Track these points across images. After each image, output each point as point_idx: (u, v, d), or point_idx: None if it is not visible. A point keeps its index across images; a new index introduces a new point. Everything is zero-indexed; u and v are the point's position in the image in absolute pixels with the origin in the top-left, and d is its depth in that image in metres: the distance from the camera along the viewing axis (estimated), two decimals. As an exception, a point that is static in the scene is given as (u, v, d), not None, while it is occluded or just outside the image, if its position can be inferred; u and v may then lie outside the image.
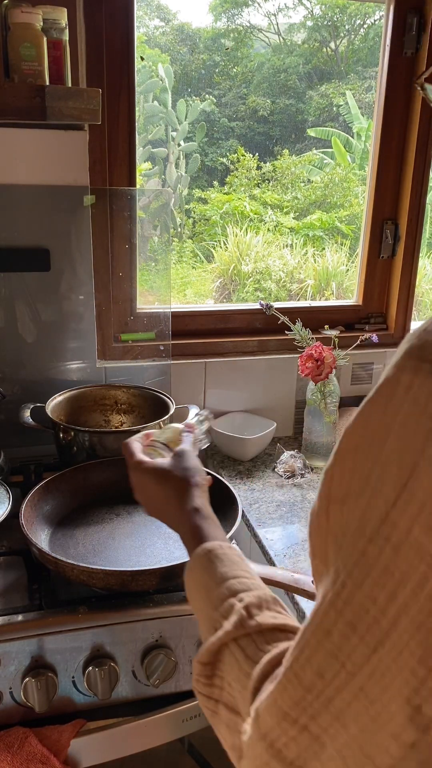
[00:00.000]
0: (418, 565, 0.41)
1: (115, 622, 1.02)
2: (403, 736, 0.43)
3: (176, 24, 11.36)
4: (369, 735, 0.43)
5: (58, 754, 0.97)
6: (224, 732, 0.56)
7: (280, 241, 7.90)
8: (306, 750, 0.46)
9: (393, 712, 0.43)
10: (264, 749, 0.48)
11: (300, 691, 0.46)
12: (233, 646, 0.57)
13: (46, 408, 1.40)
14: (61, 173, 1.42)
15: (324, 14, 11.56)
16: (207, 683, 0.58)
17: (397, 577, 0.42)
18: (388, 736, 0.43)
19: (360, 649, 0.43)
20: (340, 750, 0.45)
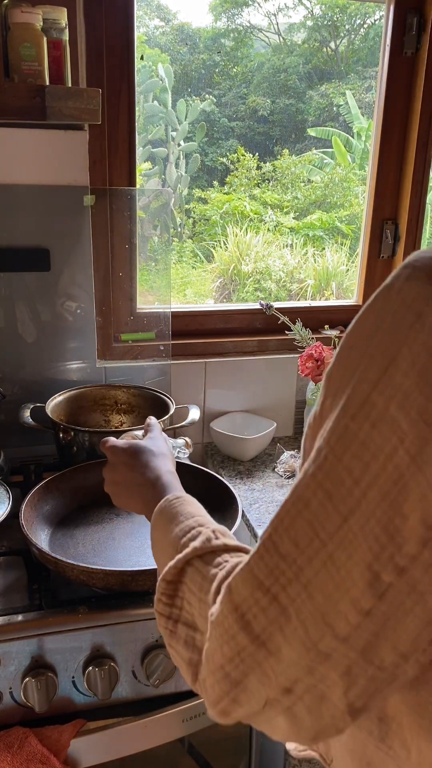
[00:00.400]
0: (391, 438, 0.45)
1: (115, 622, 1.02)
2: (362, 602, 0.46)
3: (176, 24, 11.36)
4: (332, 603, 0.47)
5: (58, 754, 0.97)
6: (181, 649, 0.58)
7: (280, 241, 7.90)
8: (272, 623, 0.49)
9: (355, 579, 0.46)
10: (234, 621, 0.51)
11: (276, 558, 0.49)
12: (198, 562, 0.60)
13: (46, 408, 1.40)
14: (61, 173, 1.42)
15: (324, 14, 11.55)
16: (168, 603, 0.61)
17: (372, 449, 0.46)
18: (348, 603, 0.46)
19: (333, 518, 0.47)
20: (304, 621, 0.48)
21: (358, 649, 0.47)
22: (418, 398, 0.44)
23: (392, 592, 0.46)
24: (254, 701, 0.51)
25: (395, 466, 0.45)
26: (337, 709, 0.49)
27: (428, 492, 0.44)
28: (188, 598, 0.59)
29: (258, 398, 1.74)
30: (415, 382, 0.45)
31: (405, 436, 0.45)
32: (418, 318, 0.45)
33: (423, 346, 0.45)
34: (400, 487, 0.45)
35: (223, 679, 0.52)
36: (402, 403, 0.45)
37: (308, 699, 0.49)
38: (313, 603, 0.48)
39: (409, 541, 0.45)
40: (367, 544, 0.46)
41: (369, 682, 0.48)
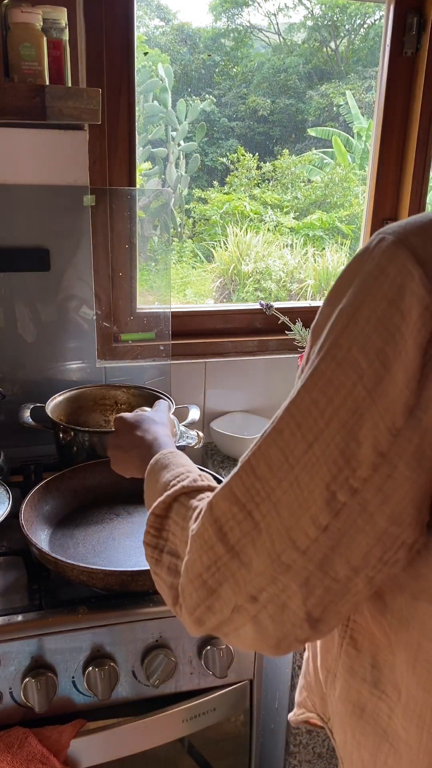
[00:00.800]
0: (351, 375, 0.51)
1: (115, 622, 1.02)
2: (320, 518, 0.52)
3: (176, 24, 11.36)
4: (295, 519, 0.53)
5: (58, 755, 0.97)
6: (164, 575, 0.64)
7: (280, 241, 7.90)
8: (246, 536, 0.55)
9: (315, 498, 0.52)
10: (213, 532, 0.57)
11: (252, 479, 0.56)
12: (183, 498, 0.67)
13: (46, 408, 1.40)
14: (61, 173, 1.42)
15: (324, 14, 11.55)
16: (155, 534, 0.67)
17: (335, 385, 0.52)
18: (308, 519, 0.53)
19: (301, 444, 0.53)
20: (271, 534, 0.54)
21: (316, 562, 0.53)
22: (377, 341, 0.50)
23: (346, 510, 0.52)
24: (225, 609, 0.57)
25: (354, 399, 0.51)
26: (297, 617, 0.55)
27: (380, 422, 0.50)
28: (173, 529, 0.65)
29: (258, 398, 1.74)
30: (374, 327, 0.51)
31: (363, 374, 0.51)
32: (381, 272, 0.51)
33: (384, 297, 0.51)
34: (357, 417, 0.51)
35: (201, 587, 0.58)
36: (363, 345, 0.51)
37: (271, 607, 0.55)
38: (280, 519, 0.54)
39: (362, 465, 0.51)
40: (327, 466, 0.52)
41: (325, 593, 0.54)
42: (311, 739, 1.26)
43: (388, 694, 0.60)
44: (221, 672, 1.06)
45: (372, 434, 0.50)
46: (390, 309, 0.50)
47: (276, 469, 0.54)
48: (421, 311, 0.49)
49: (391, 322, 0.50)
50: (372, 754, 0.63)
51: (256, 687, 1.14)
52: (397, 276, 0.50)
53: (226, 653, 1.06)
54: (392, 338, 0.50)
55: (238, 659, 1.09)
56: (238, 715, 1.17)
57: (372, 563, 0.53)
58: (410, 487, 0.51)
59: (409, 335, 0.49)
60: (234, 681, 1.11)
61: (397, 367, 0.50)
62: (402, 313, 0.50)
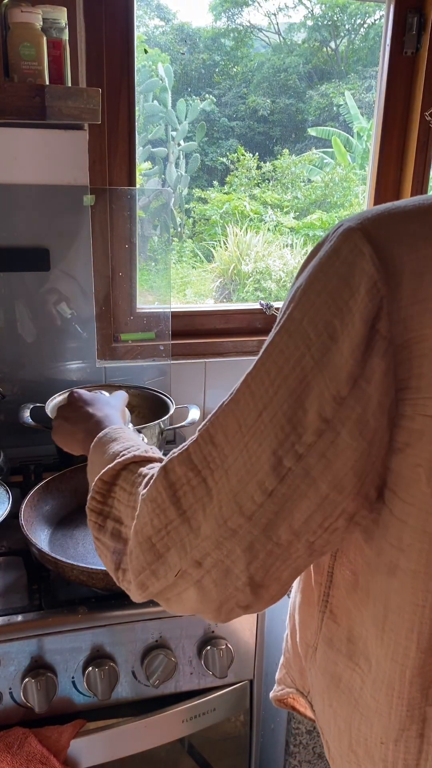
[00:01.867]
0: (300, 345, 0.54)
1: (115, 622, 1.02)
2: (266, 483, 0.54)
3: (176, 23, 11.35)
4: (242, 485, 0.55)
5: (58, 755, 0.97)
6: (107, 540, 0.66)
7: (280, 241, 7.89)
8: (198, 501, 0.57)
9: (262, 463, 0.54)
10: (167, 496, 0.59)
11: (209, 447, 0.58)
12: (133, 466, 0.68)
13: (46, 408, 1.40)
14: (61, 173, 1.42)
15: (324, 14, 11.55)
16: (101, 501, 0.68)
17: (286, 354, 0.54)
18: (255, 484, 0.55)
19: (252, 412, 0.55)
20: (221, 500, 0.56)
21: (261, 527, 0.55)
22: (326, 314, 0.53)
23: (291, 476, 0.54)
24: (170, 574, 0.59)
25: (302, 368, 0.53)
26: (239, 580, 0.57)
27: (325, 390, 0.52)
28: (119, 496, 0.67)
29: (258, 398, 1.74)
30: (324, 301, 0.53)
31: (312, 344, 0.53)
32: (335, 252, 0.54)
33: (335, 274, 0.53)
34: (304, 385, 0.53)
35: (149, 550, 0.60)
36: (313, 317, 0.54)
37: (215, 572, 0.57)
38: (229, 484, 0.56)
39: (308, 431, 0.53)
40: (275, 432, 0.54)
41: (267, 557, 0.56)
42: (311, 739, 1.26)
43: (361, 666, 0.63)
44: (221, 672, 1.06)
45: (318, 401, 0.53)
46: (340, 284, 0.53)
47: (230, 437, 0.56)
48: (369, 287, 0.51)
49: (340, 296, 0.52)
50: (347, 722, 0.66)
51: (256, 687, 1.14)
52: (349, 254, 0.53)
53: (226, 653, 1.06)
54: (340, 311, 0.52)
55: (238, 659, 1.09)
56: (238, 715, 1.17)
57: (313, 528, 0.55)
58: (351, 454, 0.53)
59: (356, 309, 0.52)
60: (234, 681, 1.11)
61: (343, 338, 0.52)
62: (351, 288, 0.52)
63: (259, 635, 1.11)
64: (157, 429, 1.37)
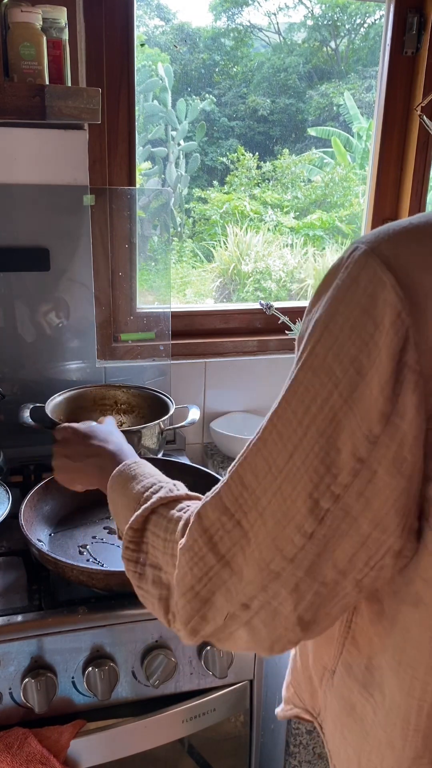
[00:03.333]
0: (327, 383, 0.52)
1: (115, 622, 1.02)
2: (305, 526, 0.53)
3: (176, 23, 11.35)
4: (280, 528, 0.54)
5: (58, 755, 0.97)
6: (150, 587, 0.65)
7: (280, 241, 7.89)
8: (235, 544, 0.56)
9: (299, 506, 0.53)
10: (204, 543, 0.58)
11: (240, 488, 0.57)
12: (162, 509, 0.67)
13: (46, 408, 1.39)
14: (61, 173, 1.42)
15: (324, 14, 11.54)
16: (135, 549, 0.67)
17: (312, 393, 0.53)
18: (294, 528, 0.54)
19: (282, 454, 0.54)
20: (259, 544, 0.55)
21: (304, 568, 0.54)
22: (351, 349, 0.51)
23: (330, 516, 0.53)
24: (219, 617, 0.58)
25: (330, 407, 0.52)
26: (289, 621, 0.56)
27: (357, 429, 0.51)
28: (153, 542, 0.66)
29: (258, 398, 1.74)
30: (348, 336, 0.52)
31: (339, 382, 0.52)
32: (354, 281, 0.52)
33: (357, 306, 0.52)
34: (335, 424, 0.52)
35: (194, 599, 0.59)
36: (337, 353, 0.52)
37: (263, 614, 0.56)
38: (266, 528, 0.55)
39: (342, 472, 0.52)
40: (308, 475, 0.53)
41: (315, 597, 0.55)
42: (311, 739, 1.25)
43: (375, 697, 0.62)
44: (221, 672, 1.06)
45: (350, 441, 0.51)
46: (363, 317, 0.51)
47: (261, 479, 0.55)
48: (393, 318, 0.50)
49: (365, 330, 0.51)
50: (356, 752, 0.65)
51: (256, 687, 1.14)
52: (369, 285, 0.51)
53: (226, 653, 1.06)
54: (365, 346, 0.51)
55: (238, 659, 1.09)
56: (238, 716, 1.17)
57: (358, 567, 0.54)
58: (391, 492, 0.52)
59: (383, 343, 0.50)
60: (234, 681, 1.11)
61: (371, 374, 0.50)
62: (375, 321, 0.50)
63: (259, 635, 1.11)
64: (157, 429, 1.37)
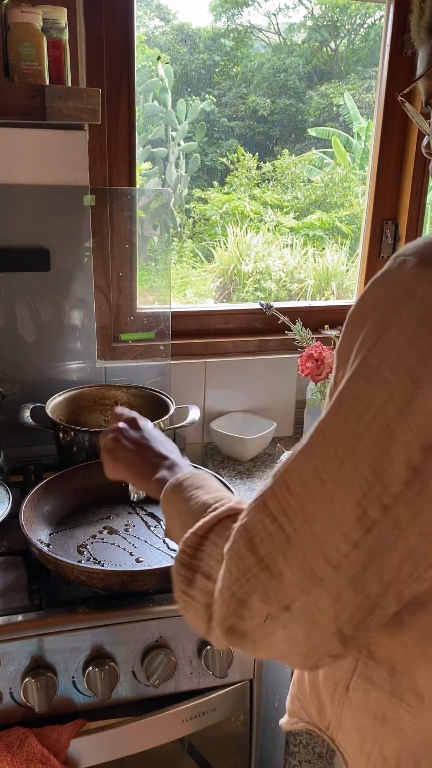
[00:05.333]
0: (382, 393, 0.52)
1: (115, 622, 1.02)
2: (352, 534, 0.53)
3: (176, 24, 11.35)
4: (327, 534, 0.54)
5: (58, 755, 0.97)
6: (198, 595, 0.64)
7: (280, 241, 7.89)
8: (276, 548, 0.56)
9: (347, 514, 0.53)
10: (243, 543, 0.58)
11: (285, 493, 0.56)
12: (227, 521, 0.66)
13: (46, 408, 1.40)
14: (61, 173, 1.42)
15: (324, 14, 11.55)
16: (191, 554, 0.66)
17: (365, 402, 0.53)
18: (340, 535, 0.53)
19: (333, 461, 0.54)
20: (304, 548, 0.55)
21: (348, 578, 0.53)
22: (407, 359, 0.51)
23: (378, 527, 0.52)
24: (256, 617, 0.57)
25: (385, 416, 0.52)
26: (328, 630, 0.55)
27: (413, 439, 0.51)
28: (209, 550, 0.65)
29: (258, 398, 1.74)
30: (404, 346, 0.52)
31: (394, 392, 0.51)
32: (407, 293, 0.52)
33: (412, 316, 0.52)
34: (388, 434, 0.51)
35: (230, 598, 0.58)
36: (393, 363, 0.52)
37: (302, 619, 0.55)
38: (312, 533, 0.54)
39: (395, 482, 0.51)
40: (358, 483, 0.52)
41: (357, 610, 0.55)
42: (311, 739, 1.25)
43: (409, 702, 0.62)
44: (221, 672, 1.06)
45: (405, 451, 0.51)
46: (420, 328, 0.51)
47: (309, 485, 0.55)
48: None
49: (422, 340, 0.51)
50: (396, 756, 0.65)
51: (256, 687, 1.14)
52: (426, 296, 0.51)
53: (226, 653, 1.06)
54: (423, 356, 0.51)
55: (238, 659, 1.09)
56: (238, 715, 1.17)
57: (402, 578, 0.54)
58: None
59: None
60: (234, 681, 1.11)
61: (429, 384, 0.50)
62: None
63: (259, 635, 1.11)
64: (157, 429, 1.37)
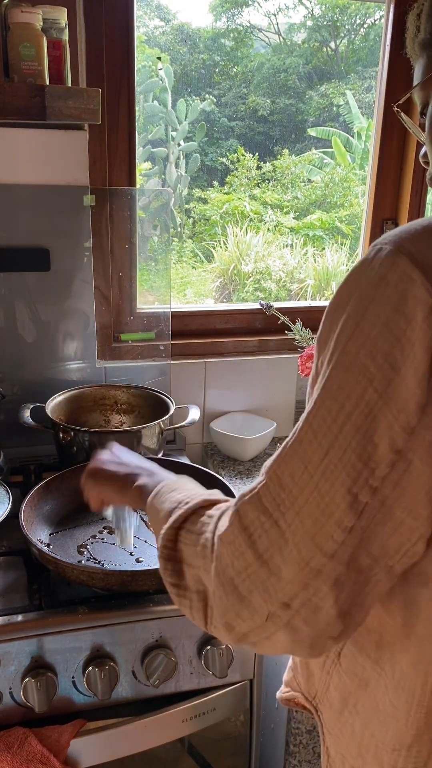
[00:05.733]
0: (361, 380, 0.53)
1: (115, 622, 1.02)
2: (345, 521, 0.54)
3: (176, 24, 11.35)
4: (319, 526, 0.54)
5: (58, 755, 0.97)
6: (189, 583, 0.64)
7: (280, 241, 7.90)
8: (273, 544, 0.56)
9: (338, 502, 0.54)
10: (243, 540, 0.58)
11: (278, 489, 0.57)
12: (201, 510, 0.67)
13: (46, 408, 1.40)
14: (61, 173, 1.42)
15: (324, 14, 11.55)
16: (172, 547, 0.66)
17: (346, 390, 0.54)
18: (333, 524, 0.54)
19: (318, 452, 0.55)
20: (297, 543, 0.55)
21: (344, 562, 0.55)
22: (384, 345, 0.52)
23: (369, 509, 0.54)
24: (257, 617, 0.58)
25: (366, 402, 0.53)
26: (330, 615, 0.56)
27: (394, 422, 0.52)
28: (185, 539, 0.65)
29: (258, 398, 1.74)
30: (380, 332, 0.53)
31: (373, 377, 0.53)
32: (382, 280, 0.54)
33: (387, 302, 0.53)
34: (371, 420, 0.53)
35: (232, 592, 0.58)
36: (370, 350, 0.53)
37: (304, 612, 0.56)
38: (304, 527, 0.55)
39: (380, 465, 0.53)
40: (346, 471, 0.53)
41: (353, 586, 0.56)
42: (311, 739, 1.25)
43: (386, 671, 0.64)
44: (221, 672, 1.06)
45: (387, 434, 0.52)
46: (394, 314, 0.52)
47: (297, 479, 0.56)
48: (425, 314, 0.51)
49: (397, 326, 0.52)
50: (363, 726, 0.67)
51: (256, 687, 1.14)
52: (399, 282, 0.52)
53: (226, 653, 1.06)
54: (398, 341, 0.52)
55: (238, 659, 1.09)
56: (238, 715, 1.17)
57: (390, 553, 0.55)
58: (425, 480, 0.53)
59: (416, 338, 0.51)
60: (234, 681, 1.11)
61: (405, 368, 0.52)
62: (407, 317, 0.52)
63: (259, 635, 1.11)
64: (157, 429, 1.37)
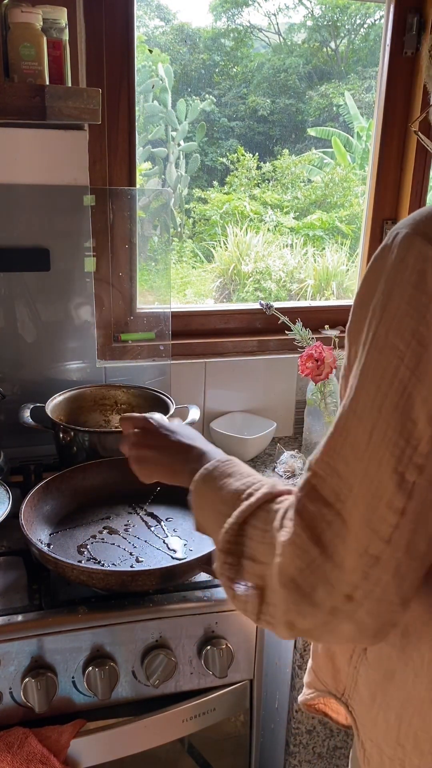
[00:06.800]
0: (393, 359, 0.55)
1: (115, 622, 1.02)
2: (395, 502, 0.54)
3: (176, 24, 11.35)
4: (372, 510, 0.55)
5: (58, 755, 0.97)
6: (248, 579, 0.64)
7: (280, 241, 7.89)
8: (337, 535, 0.56)
9: (386, 484, 0.54)
10: (308, 537, 0.58)
11: (335, 479, 0.57)
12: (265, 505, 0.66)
13: (46, 408, 1.40)
14: (61, 173, 1.42)
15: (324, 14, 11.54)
16: (233, 542, 0.66)
17: (380, 371, 0.56)
18: (384, 506, 0.54)
19: (363, 436, 0.56)
20: (355, 530, 0.55)
21: (402, 548, 0.55)
22: (410, 323, 0.54)
23: (417, 489, 0.54)
24: (319, 613, 0.58)
25: (399, 380, 0.54)
26: (394, 604, 0.57)
27: (428, 397, 0.53)
28: (251, 534, 0.65)
29: (258, 398, 1.74)
30: (405, 311, 0.55)
31: (404, 355, 0.54)
32: (401, 262, 0.56)
33: (407, 282, 0.55)
34: (406, 397, 0.54)
35: (294, 590, 0.58)
36: (398, 329, 0.55)
37: (368, 603, 0.56)
38: (359, 512, 0.55)
39: (422, 440, 0.54)
40: (390, 450, 0.54)
41: (413, 573, 0.57)
42: (311, 739, 1.26)
43: (414, 659, 0.65)
44: (221, 672, 1.06)
45: (424, 409, 0.54)
46: (416, 292, 0.54)
47: (351, 465, 0.56)
48: None
49: (420, 303, 0.54)
50: (398, 716, 0.67)
51: (256, 687, 1.14)
52: (417, 262, 0.55)
53: (226, 653, 1.06)
54: (423, 318, 0.54)
55: (238, 659, 1.09)
56: (238, 715, 1.17)
57: None
58: None
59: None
60: (234, 681, 1.11)
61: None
62: (427, 294, 0.54)
63: (259, 635, 1.11)
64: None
